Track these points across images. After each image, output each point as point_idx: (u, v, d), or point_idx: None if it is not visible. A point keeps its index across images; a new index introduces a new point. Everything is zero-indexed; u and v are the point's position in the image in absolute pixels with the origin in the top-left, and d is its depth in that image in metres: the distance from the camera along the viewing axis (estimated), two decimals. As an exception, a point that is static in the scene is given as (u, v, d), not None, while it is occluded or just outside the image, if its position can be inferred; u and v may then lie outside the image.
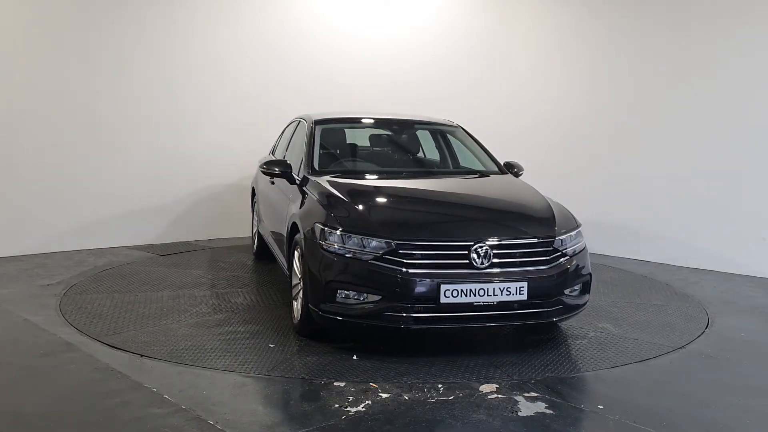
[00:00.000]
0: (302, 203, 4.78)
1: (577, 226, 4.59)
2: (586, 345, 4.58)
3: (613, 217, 7.76)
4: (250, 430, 3.23)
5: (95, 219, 7.30)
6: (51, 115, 6.96)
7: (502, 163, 5.70)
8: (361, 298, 4.07)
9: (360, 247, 4.09)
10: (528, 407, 3.54)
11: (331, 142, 5.86)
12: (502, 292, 4.03)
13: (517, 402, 3.61)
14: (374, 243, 4.07)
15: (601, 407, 3.56)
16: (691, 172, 7.15)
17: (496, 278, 4.05)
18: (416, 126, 6.25)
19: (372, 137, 6.29)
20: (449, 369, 4.07)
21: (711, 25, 6.99)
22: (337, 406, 3.51)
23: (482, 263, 4.06)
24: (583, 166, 7.99)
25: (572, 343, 4.63)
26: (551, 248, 4.26)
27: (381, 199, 4.76)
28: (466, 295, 3.99)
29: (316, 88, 8.29)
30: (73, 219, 7.18)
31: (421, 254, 4.05)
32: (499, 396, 3.68)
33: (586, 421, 3.41)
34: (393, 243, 4.05)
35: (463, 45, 8.78)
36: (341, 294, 4.10)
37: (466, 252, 4.06)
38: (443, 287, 3.96)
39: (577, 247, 4.46)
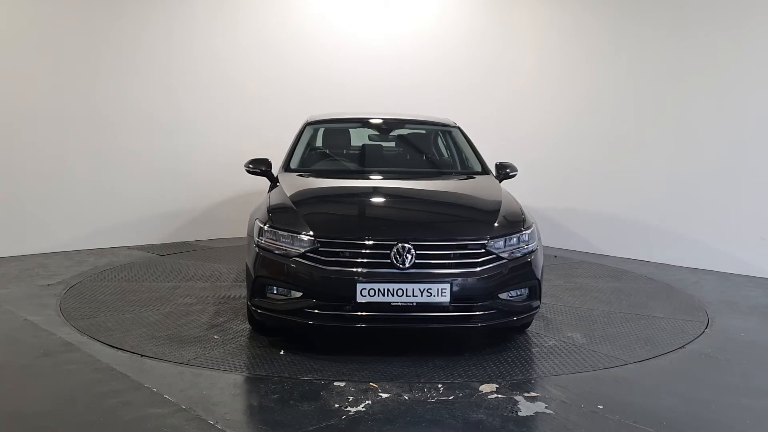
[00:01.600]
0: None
1: (524, 229, 4.40)
2: (534, 354, 4.40)
3: (613, 217, 7.77)
4: (250, 430, 3.23)
5: (95, 219, 7.31)
6: (51, 115, 6.97)
7: (495, 164, 5.57)
8: (287, 295, 4.14)
9: (289, 244, 4.17)
10: (528, 407, 3.54)
11: (320, 142, 5.97)
12: (422, 293, 3.96)
13: (517, 402, 3.61)
14: (299, 240, 4.14)
15: (601, 407, 3.56)
16: (691, 172, 7.16)
17: (417, 279, 3.98)
18: (409, 126, 6.23)
19: (361, 137, 6.25)
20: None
21: (711, 25, 6.99)
22: (337, 406, 3.51)
23: (403, 263, 4.00)
24: (584, 166, 7.99)
25: (524, 350, 4.50)
26: (483, 250, 4.14)
27: (323, 199, 4.84)
28: (383, 295, 3.95)
29: (317, 89, 8.30)
30: (73, 219, 7.18)
31: (341, 252, 4.06)
32: (499, 396, 3.68)
33: (586, 421, 3.41)
34: (315, 241, 4.09)
35: (463, 45, 8.78)
36: (270, 290, 4.20)
37: (388, 252, 4.01)
38: (359, 286, 3.94)
39: (521, 250, 4.30)
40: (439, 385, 3.81)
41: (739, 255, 6.86)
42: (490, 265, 4.13)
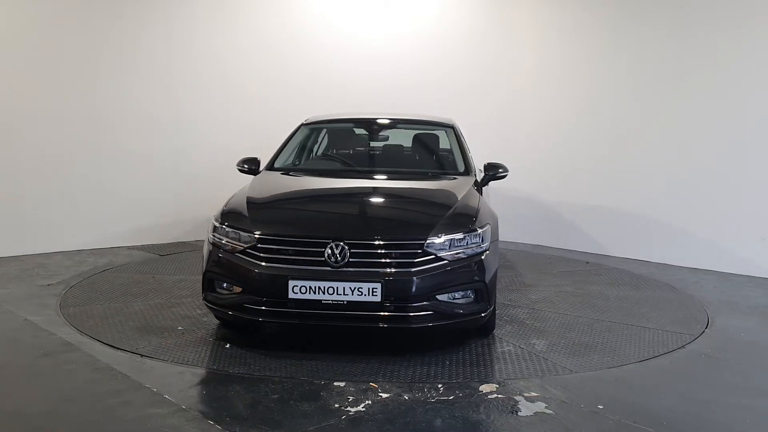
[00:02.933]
0: None
1: (472, 230, 4.27)
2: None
3: (613, 216, 7.77)
4: (250, 430, 3.23)
5: (95, 219, 7.31)
6: (51, 115, 6.97)
7: (483, 164, 5.45)
8: (231, 290, 4.26)
9: (235, 240, 4.27)
10: (528, 407, 3.54)
11: (309, 142, 6.06)
12: (353, 291, 3.95)
13: (517, 402, 3.61)
14: (242, 237, 4.24)
15: (601, 407, 3.56)
16: (691, 172, 7.15)
17: (349, 277, 3.98)
18: (401, 127, 6.23)
19: (350, 138, 6.25)
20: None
21: (711, 25, 6.99)
22: (337, 406, 3.51)
23: (336, 261, 4.02)
24: (584, 166, 7.99)
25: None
26: (419, 251, 4.08)
27: (278, 197, 4.89)
28: (315, 293, 3.97)
29: (317, 89, 8.30)
30: (73, 219, 7.18)
31: (277, 249, 4.13)
32: (499, 396, 3.68)
33: (586, 421, 3.41)
34: (255, 237, 4.17)
35: (463, 45, 8.78)
36: (219, 284, 4.33)
37: (322, 249, 4.04)
38: (291, 283, 3.98)
39: (466, 251, 4.20)
40: (439, 385, 3.81)
41: (739, 255, 6.86)
42: (427, 266, 4.06)
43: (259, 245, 4.15)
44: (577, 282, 6.41)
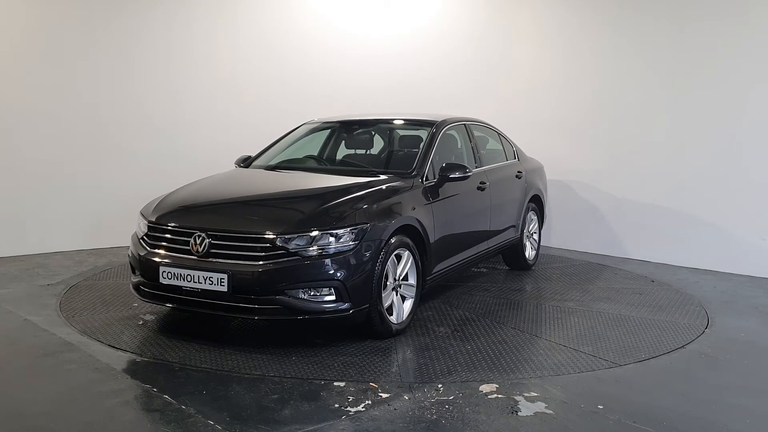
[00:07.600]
0: None
1: (334, 228, 4.22)
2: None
3: (614, 217, 7.77)
4: (250, 429, 3.23)
5: (95, 219, 7.31)
6: (51, 115, 6.98)
7: (442, 164, 5.25)
8: (138, 273, 4.60)
9: (140, 228, 4.71)
10: (528, 407, 3.54)
11: (308, 142, 6.16)
12: (205, 280, 4.19)
13: (517, 402, 3.61)
14: (143, 224, 4.67)
15: (601, 407, 3.56)
16: (691, 172, 7.15)
17: (204, 267, 4.20)
18: (386, 126, 6.20)
19: (338, 138, 6.24)
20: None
21: (714, 23, 6.98)
22: (337, 406, 3.51)
23: (197, 251, 4.27)
24: (584, 167, 7.99)
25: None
26: (269, 245, 4.14)
27: (192, 190, 5.04)
28: (178, 279, 4.28)
29: (317, 89, 8.31)
30: (73, 219, 7.19)
31: (159, 236, 4.51)
32: (499, 396, 3.68)
33: (586, 421, 3.41)
34: (148, 225, 4.60)
35: (463, 45, 8.78)
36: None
37: (189, 239, 4.33)
38: (162, 269, 4.33)
39: (324, 249, 4.16)
40: (439, 385, 3.81)
41: (739, 255, 6.86)
42: (275, 260, 4.12)
43: (148, 233, 4.57)
44: (596, 299, 5.73)
